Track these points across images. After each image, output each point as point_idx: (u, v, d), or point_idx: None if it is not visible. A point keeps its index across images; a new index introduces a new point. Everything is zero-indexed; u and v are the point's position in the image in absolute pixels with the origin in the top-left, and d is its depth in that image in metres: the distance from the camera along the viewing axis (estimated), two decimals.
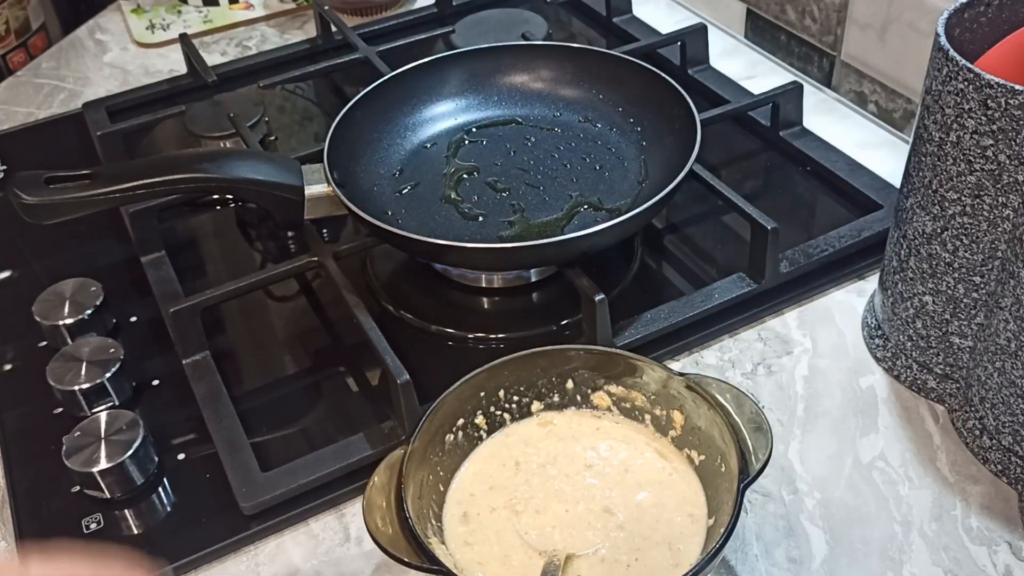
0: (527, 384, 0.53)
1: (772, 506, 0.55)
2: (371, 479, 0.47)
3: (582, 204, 0.69)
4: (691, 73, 0.88)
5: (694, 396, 0.50)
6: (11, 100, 0.97)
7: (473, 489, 0.51)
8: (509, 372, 0.53)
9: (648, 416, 0.53)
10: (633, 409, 0.53)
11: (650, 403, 0.53)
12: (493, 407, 0.53)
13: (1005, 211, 0.49)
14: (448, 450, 0.51)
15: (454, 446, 0.52)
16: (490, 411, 0.53)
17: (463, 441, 0.52)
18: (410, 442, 0.48)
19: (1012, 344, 0.51)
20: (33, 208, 0.59)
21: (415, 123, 0.77)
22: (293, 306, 0.70)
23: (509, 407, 0.54)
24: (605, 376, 0.53)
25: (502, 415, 0.54)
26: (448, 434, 0.51)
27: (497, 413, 0.53)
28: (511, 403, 0.54)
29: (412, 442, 0.48)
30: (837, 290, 0.68)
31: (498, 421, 0.54)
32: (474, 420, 0.53)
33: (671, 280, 0.70)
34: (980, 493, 0.55)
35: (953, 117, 0.49)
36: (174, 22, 1.06)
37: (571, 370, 0.54)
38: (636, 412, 0.53)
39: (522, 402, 0.54)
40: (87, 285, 0.68)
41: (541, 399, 0.54)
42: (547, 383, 0.54)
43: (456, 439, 0.52)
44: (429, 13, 1.02)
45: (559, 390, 0.54)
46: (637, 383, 0.53)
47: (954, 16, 0.52)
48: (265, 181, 0.64)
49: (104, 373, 0.61)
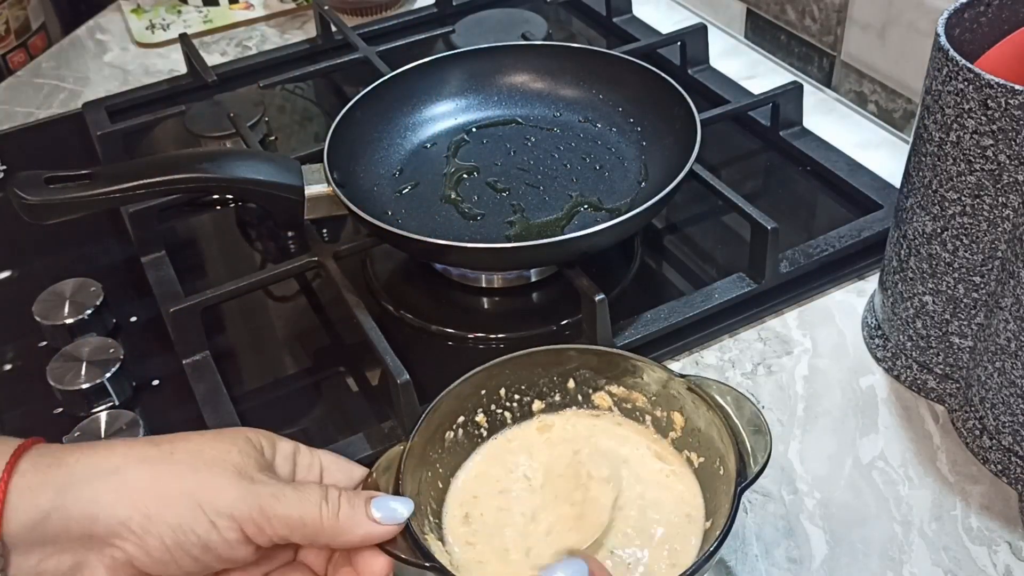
0: (528, 383, 0.53)
1: (772, 506, 0.55)
2: (369, 474, 0.47)
3: (582, 204, 0.69)
4: (691, 73, 0.88)
5: (694, 398, 0.50)
6: (11, 100, 0.97)
7: (476, 491, 0.51)
8: (510, 371, 0.53)
9: (649, 417, 0.53)
10: (634, 410, 0.53)
11: (651, 404, 0.53)
12: (494, 405, 0.53)
13: (1005, 211, 0.49)
14: (448, 448, 0.51)
15: (454, 444, 0.52)
16: (491, 409, 0.53)
17: (463, 439, 0.52)
18: (409, 438, 0.48)
19: (1012, 344, 0.51)
20: (33, 208, 0.59)
21: (415, 123, 0.77)
22: (293, 306, 0.70)
23: (510, 406, 0.54)
24: (606, 376, 0.53)
25: (503, 414, 0.54)
26: (448, 432, 0.51)
27: (498, 412, 0.53)
28: (512, 402, 0.54)
29: (411, 438, 0.48)
30: (837, 290, 0.68)
31: (499, 420, 0.54)
32: (475, 418, 0.53)
33: (671, 280, 0.70)
34: (980, 493, 0.55)
35: (953, 117, 0.49)
36: (174, 22, 1.06)
37: (572, 370, 0.53)
38: (637, 413, 0.53)
39: (523, 401, 0.54)
40: (87, 285, 0.68)
41: (542, 398, 0.54)
42: (548, 382, 0.54)
43: (456, 437, 0.52)
44: (429, 13, 1.02)
45: (560, 389, 0.54)
46: (638, 384, 0.53)
47: (954, 16, 0.52)
48: (265, 181, 0.64)
49: (104, 373, 0.61)
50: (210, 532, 0.40)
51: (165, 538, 0.39)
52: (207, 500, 0.40)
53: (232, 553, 0.41)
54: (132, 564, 0.39)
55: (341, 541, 0.43)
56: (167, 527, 0.39)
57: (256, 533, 0.41)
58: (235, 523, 0.40)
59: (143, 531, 0.39)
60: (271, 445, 0.45)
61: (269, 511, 0.41)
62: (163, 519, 0.39)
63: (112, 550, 0.39)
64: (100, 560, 0.39)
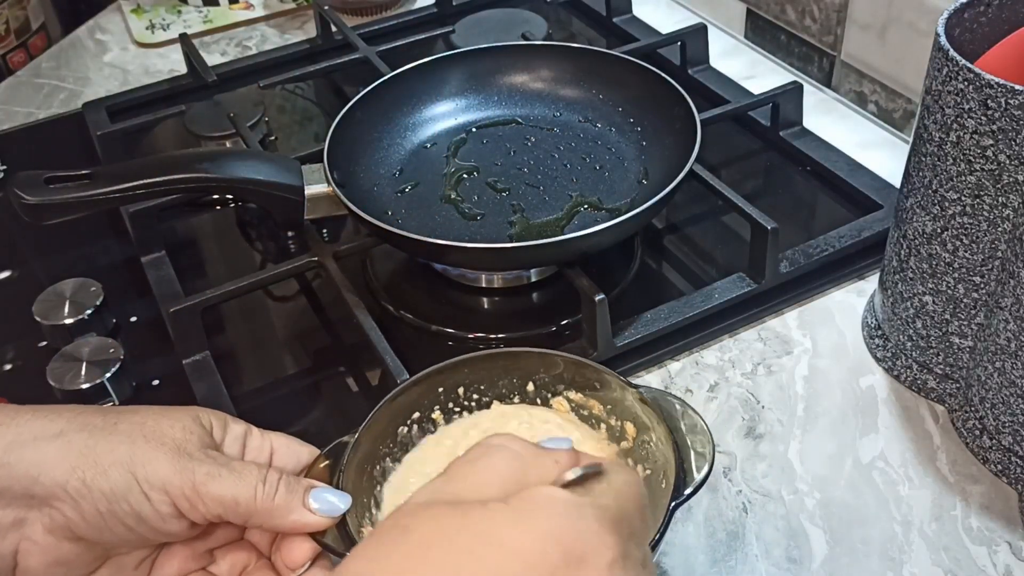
0: (488, 383, 0.53)
1: (772, 506, 0.55)
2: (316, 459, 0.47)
3: (582, 204, 0.69)
4: (691, 73, 0.88)
5: (645, 410, 0.49)
6: (11, 100, 0.97)
7: (410, 480, 0.50)
8: (469, 370, 0.52)
9: (603, 425, 0.52)
10: (590, 416, 0.53)
11: (607, 412, 0.52)
12: (452, 403, 0.53)
13: (1005, 211, 0.49)
14: (401, 442, 0.51)
15: (407, 439, 0.52)
16: (448, 407, 0.53)
17: (417, 435, 0.52)
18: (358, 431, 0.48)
19: (1012, 344, 0.51)
20: (33, 208, 0.59)
21: (415, 123, 0.77)
22: (293, 306, 0.70)
23: (468, 404, 0.53)
24: (565, 382, 0.53)
25: (461, 412, 0.53)
26: (402, 426, 0.51)
27: (456, 410, 0.53)
28: (471, 401, 0.53)
29: (358, 433, 0.48)
30: (837, 290, 0.68)
31: (455, 418, 0.53)
32: (431, 415, 0.52)
33: (671, 280, 0.70)
34: (980, 493, 0.55)
35: (953, 117, 0.49)
36: (174, 22, 1.06)
37: (532, 373, 0.53)
38: (592, 420, 0.53)
39: (482, 400, 0.53)
40: (87, 285, 0.68)
41: (501, 400, 0.54)
42: (508, 384, 0.53)
43: (410, 432, 0.51)
44: (429, 13, 1.02)
45: (519, 392, 0.54)
46: (596, 392, 0.52)
47: (954, 16, 0.52)
48: (265, 181, 0.64)
49: (104, 373, 0.61)
50: (142, 504, 0.40)
51: (99, 505, 0.40)
52: (141, 472, 0.41)
53: (165, 526, 0.42)
54: (69, 527, 0.40)
55: (272, 524, 0.43)
56: (101, 494, 0.40)
57: (189, 509, 0.41)
58: (168, 497, 0.41)
59: (79, 496, 0.40)
60: (222, 426, 0.46)
61: (202, 488, 0.41)
62: (98, 486, 0.40)
63: (51, 511, 0.40)
64: (39, 519, 0.40)
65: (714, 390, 0.62)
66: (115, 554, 0.43)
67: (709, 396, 0.61)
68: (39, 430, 0.41)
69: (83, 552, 0.41)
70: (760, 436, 0.59)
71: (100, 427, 0.41)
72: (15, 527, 0.40)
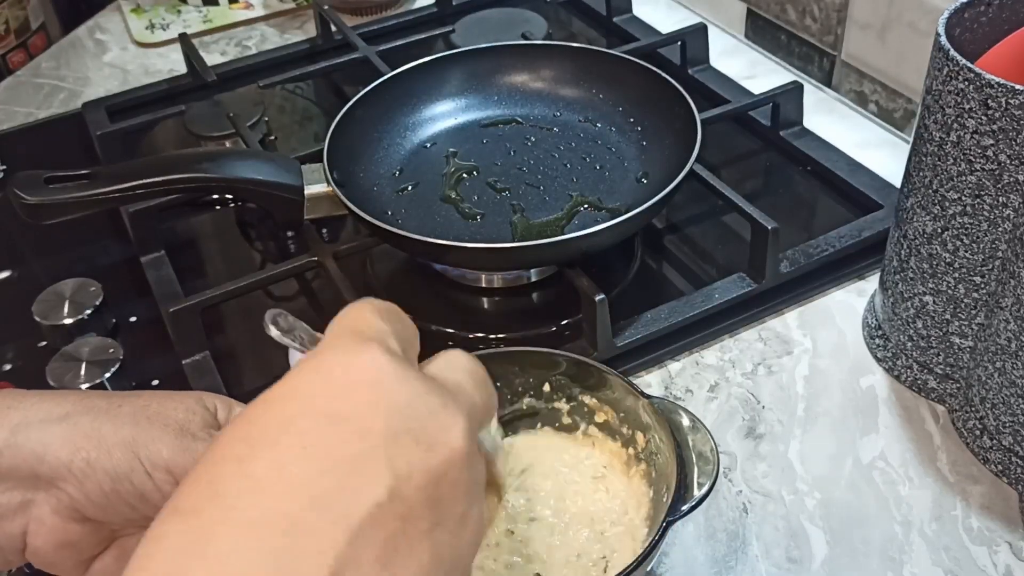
0: (504, 382, 0.53)
1: (772, 506, 0.55)
2: None
3: (582, 204, 0.69)
4: (691, 73, 0.88)
5: (657, 420, 0.49)
6: (11, 100, 0.97)
7: None
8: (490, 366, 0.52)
9: (615, 433, 0.52)
10: (604, 424, 0.53)
11: (619, 420, 0.52)
12: None
13: (1006, 211, 0.49)
14: None
15: None
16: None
17: None
18: None
19: (1012, 344, 0.51)
20: (33, 208, 0.59)
21: (415, 123, 0.77)
22: (293, 306, 0.70)
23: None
24: (581, 386, 0.53)
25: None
26: None
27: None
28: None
29: None
30: (837, 290, 0.68)
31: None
32: None
33: (671, 280, 0.70)
34: (980, 493, 0.55)
35: (953, 117, 0.49)
36: (174, 22, 1.06)
37: (550, 374, 0.53)
38: (604, 427, 0.53)
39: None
40: (87, 285, 0.68)
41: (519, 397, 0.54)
42: (524, 383, 0.54)
43: None
44: (429, 13, 1.02)
45: (536, 391, 0.54)
46: (609, 397, 0.52)
47: (954, 16, 0.52)
48: (265, 181, 0.64)
49: (104, 373, 0.61)
50: (145, 482, 0.41)
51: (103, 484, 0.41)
52: (144, 452, 0.41)
53: None
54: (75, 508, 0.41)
55: None
56: (105, 474, 0.40)
57: None
58: (171, 476, 0.41)
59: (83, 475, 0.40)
60: (226, 409, 0.46)
61: None
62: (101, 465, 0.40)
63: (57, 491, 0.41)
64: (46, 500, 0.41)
65: (714, 390, 0.62)
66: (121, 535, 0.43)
67: (709, 396, 0.61)
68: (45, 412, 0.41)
69: (89, 533, 0.42)
70: (760, 436, 0.59)
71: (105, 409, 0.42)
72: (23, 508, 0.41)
